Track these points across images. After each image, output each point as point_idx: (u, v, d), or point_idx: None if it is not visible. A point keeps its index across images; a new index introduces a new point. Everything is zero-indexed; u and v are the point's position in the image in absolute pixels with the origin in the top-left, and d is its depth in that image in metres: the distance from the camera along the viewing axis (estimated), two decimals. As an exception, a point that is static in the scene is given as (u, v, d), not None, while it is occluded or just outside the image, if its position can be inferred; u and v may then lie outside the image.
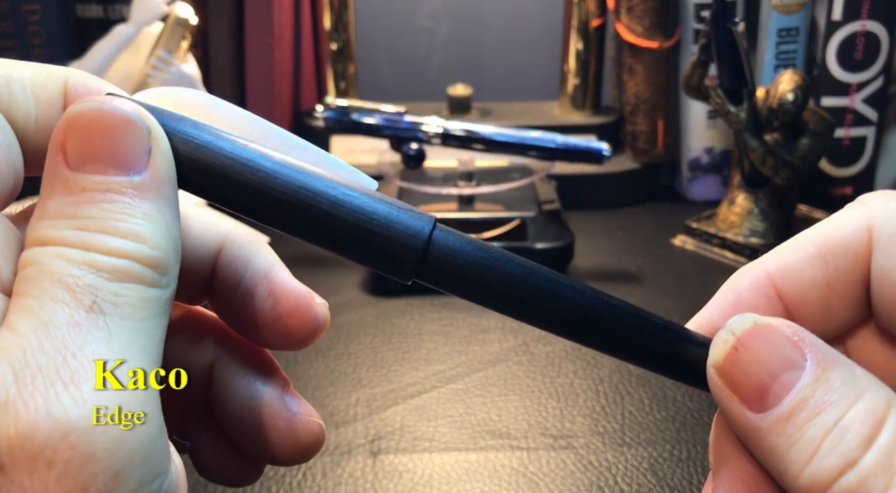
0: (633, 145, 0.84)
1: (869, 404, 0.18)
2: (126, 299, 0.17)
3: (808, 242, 0.21)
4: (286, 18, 0.82)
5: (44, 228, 0.17)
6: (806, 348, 0.19)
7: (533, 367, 0.55)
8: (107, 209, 0.18)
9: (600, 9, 0.83)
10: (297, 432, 0.23)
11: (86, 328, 0.16)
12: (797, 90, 0.65)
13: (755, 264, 0.22)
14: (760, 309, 0.21)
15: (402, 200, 0.70)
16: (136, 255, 0.17)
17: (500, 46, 1.00)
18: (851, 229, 0.20)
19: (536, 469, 0.45)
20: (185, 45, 0.65)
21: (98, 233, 0.17)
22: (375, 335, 0.59)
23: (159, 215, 0.18)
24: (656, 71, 0.81)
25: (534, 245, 0.64)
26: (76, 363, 0.16)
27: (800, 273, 0.21)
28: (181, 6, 0.65)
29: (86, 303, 0.16)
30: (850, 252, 0.20)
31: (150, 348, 0.17)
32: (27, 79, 0.20)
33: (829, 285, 0.21)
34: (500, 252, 0.21)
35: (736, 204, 0.72)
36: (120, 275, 0.17)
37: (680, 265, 0.70)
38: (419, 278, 0.21)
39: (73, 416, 0.15)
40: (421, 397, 0.52)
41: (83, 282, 0.17)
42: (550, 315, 0.21)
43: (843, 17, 0.76)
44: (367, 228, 0.20)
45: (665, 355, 0.21)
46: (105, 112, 0.18)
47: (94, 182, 0.18)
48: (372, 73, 1.00)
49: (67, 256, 0.17)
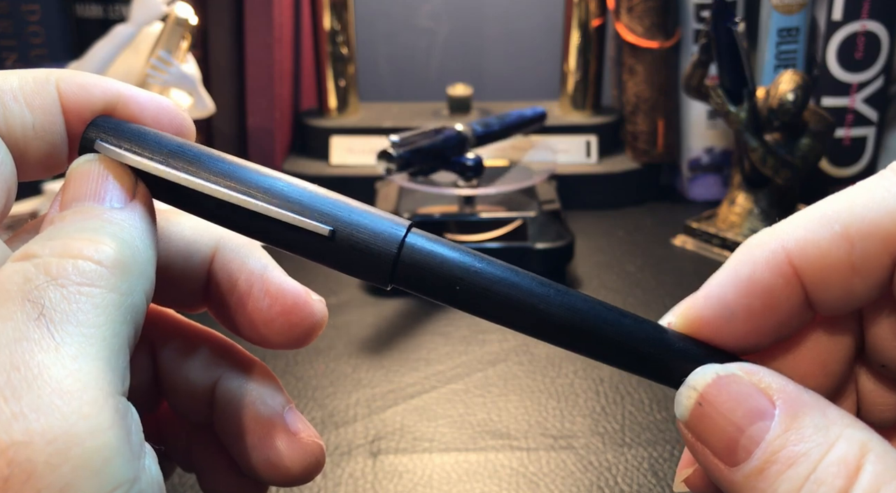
0: (633, 145, 0.84)
1: (841, 454, 0.17)
2: (79, 306, 0.16)
3: (834, 218, 0.19)
4: (286, 18, 0.82)
5: (21, 248, 0.18)
6: (774, 395, 0.18)
7: (533, 367, 0.55)
8: (79, 223, 0.18)
9: (600, 9, 0.83)
10: (298, 452, 0.23)
11: (33, 341, 0.16)
12: (797, 90, 0.65)
13: (772, 237, 0.20)
14: (776, 291, 0.19)
15: (403, 200, 0.70)
16: (92, 255, 0.17)
17: (500, 46, 1.00)
18: (884, 210, 0.18)
19: (536, 469, 0.45)
20: (184, 45, 0.65)
21: (64, 239, 0.18)
22: (375, 335, 0.59)
23: (127, 224, 0.19)
24: (656, 71, 0.81)
25: (534, 245, 0.64)
26: (18, 376, 0.15)
27: (823, 254, 0.19)
28: (181, 6, 0.65)
29: (33, 315, 0.16)
30: (879, 236, 0.18)
31: (106, 355, 0.16)
32: (16, 88, 0.20)
33: (854, 269, 0.19)
34: (479, 256, 0.21)
35: (736, 204, 0.72)
36: (75, 278, 0.17)
37: (680, 265, 0.70)
38: (396, 284, 0.21)
39: (12, 430, 0.15)
40: (421, 398, 0.52)
41: (33, 294, 0.16)
42: (532, 319, 0.20)
43: (843, 17, 0.76)
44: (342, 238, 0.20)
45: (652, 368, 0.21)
46: (90, 167, 0.20)
47: (76, 210, 0.19)
48: (372, 73, 1.00)
49: (24, 269, 0.17)
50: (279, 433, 0.23)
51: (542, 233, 0.65)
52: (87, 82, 0.21)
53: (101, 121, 0.21)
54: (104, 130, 0.20)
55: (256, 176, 0.20)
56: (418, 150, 0.64)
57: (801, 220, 0.19)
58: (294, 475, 0.23)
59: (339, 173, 0.81)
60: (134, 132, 0.20)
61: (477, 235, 0.65)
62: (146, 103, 0.21)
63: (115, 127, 0.20)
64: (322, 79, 0.86)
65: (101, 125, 0.20)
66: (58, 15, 0.79)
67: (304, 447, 0.23)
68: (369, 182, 0.76)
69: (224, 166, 0.20)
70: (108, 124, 0.20)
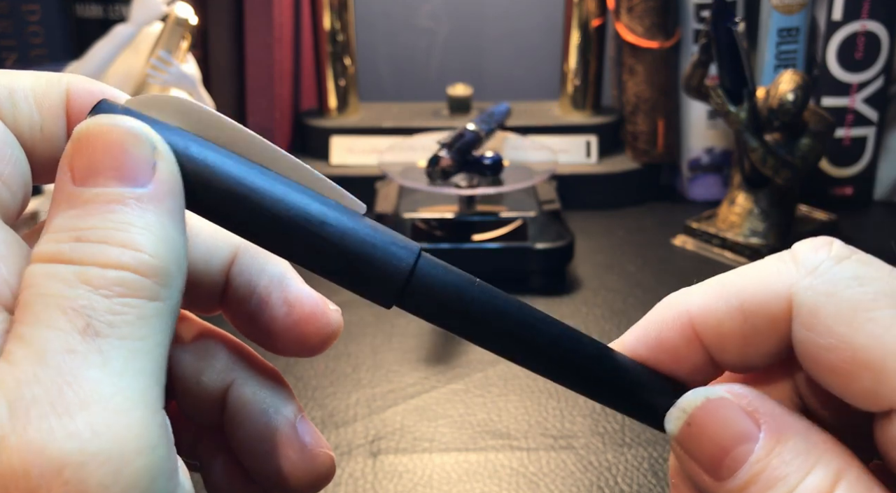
0: (633, 145, 0.84)
1: (816, 481, 0.18)
2: (123, 318, 0.16)
3: (734, 292, 0.20)
4: (286, 18, 0.82)
5: (44, 243, 0.17)
6: (760, 419, 0.19)
7: (533, 367, 0.55)
8: (108, 219, 0.17)
9: (600, 9, 0.83)
10: (308, 463, 0.23)
11: (81, 354, 0.16)
12: (797, 90, 0.65)
13: (680, 302, 0.21)
14: (680, 350, 0.21)
15: (403, 199, 0.70)
16: (133, 264, 0.17)
17: (500, 46, 1.00)
18: (772, 294, 0.20)
19: (536, 469, 0.45)
20: (184, 45, 0.65)
21: (96, 243, 0.17)
22: (375, 335, 0.59)
23: (161, 226, 0.18)
24: (656, 71, 0.81)
25: (534, 245, 0.64)
26: (71, 393, 0.15)
27: (720, 323, 0.21)
28: (181, 6, 0.65)
29: (80, 326, 0.16)
30: (767, 316, 0.20)
31: (151, 368, 0.17)
32: (29, 89, 0.20)
33: (747, 339, 0.20)
34: (487, 287, 0.21)
35: (736, 204, 0.72)
36: (117, 289, 0.16)
37: (680, 265, 0.70)
38: (400, 307, 0.21)
39: (67, 450, 0.15)
40: (421, 398, 0.52)
41: (77, 303, 0.16)
42: (529, 354, 0.21)
43: (843, 17, 0.76)
44: (352, 256, 0.20)
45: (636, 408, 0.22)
46: (110, 128, 0.18)
47: (98, 194, 0.17)
48: (372, 73, 1.00)
49: (62, 275, 0.16)
50: (290, 443, 0.23)
51: (542, 233, 0.65)
52: (94, 90, 0.21)
53: (105, 106, 0.20)
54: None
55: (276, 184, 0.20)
56: (457, 152, 0.65)
57: (708, 288, 0.21)
58: (303, 487, 0.23)
59: (339, 173, 0.81)
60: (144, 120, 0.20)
61: (477, 234, 0.65)
62: None
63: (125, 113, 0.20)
64: (322, 79, 0.86)
65: (106, 111, 0.20)
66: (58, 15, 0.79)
67: (315, 458, 0.23)
68: (369, 182, 0.76)
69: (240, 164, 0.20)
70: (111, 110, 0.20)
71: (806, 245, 0.20)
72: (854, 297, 0.19)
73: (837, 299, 0.19)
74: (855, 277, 0.19)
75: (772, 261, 0.21)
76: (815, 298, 0.19)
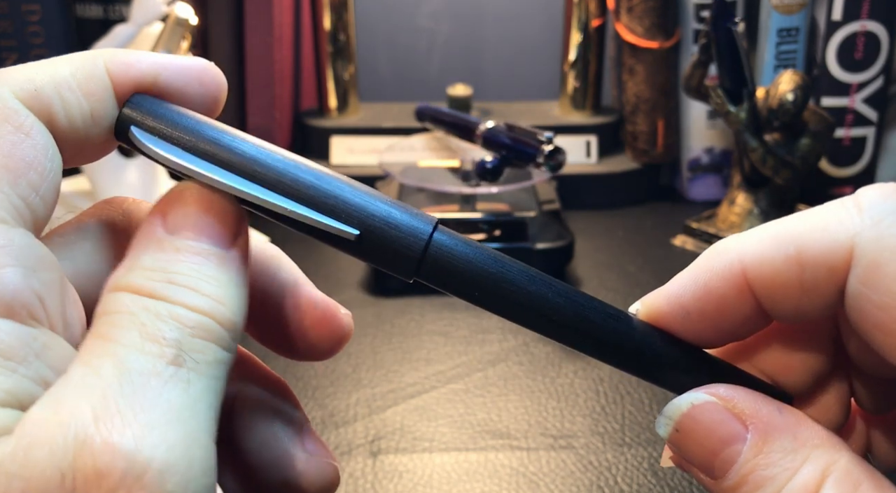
0: (633, 145, 0.84)
1: (804, 479, 0.19)
2: (203, 357, 0.18)
3: (790, 240, 0.20)
4: (286, 18, 0.82)
5: (136, 277, 0.18)
6: (747, 420, 0.20)
7: (533, 367, 0.55)
8: (195, 269, 0.19)
9: (600, 9, 0.83)
10: (312, 473, 0.24)
11: (166, 379, 0.17)
12: (797, 90, 0.65)
13: (731, 249, 0.21)
14: (729, 299, 0.21)
15: (404, 198, 0.70)
16: (216, 315, 0.18)
17: (500, 46, 1.00)
18: (833, 243, 0.19)
19: (536, 469, 0.45)
20: (185, 45, 0.65)
21: (185, 288, 0.18)
22: (375, 335, 0.59)
23: (236, 287, 0.19)
24: (656, 71, 0.81)
25: (534, 245, 0.64)
26: (153, 410, 0.16)
27: (775, 273, 0.20)
28: (181, 6, 0.65)
29: (169, 355, 0.17)
30: (827, 265, 0.19)
31: (215, 404, 0.18)
32: (71, 78, 0.20)
33: (803, 290, 0.20)
34: (500, 256, 0.21)
35: (736, 204, 0.72)
36: (200, 332, 0.18)
37: (680, 265, 0.70)
38: (419, 277, 0.21)
39: (148, 457, 0.16)
40: (421, 397, 0.52)
41: (169, 336, 0.17)
42: (545, 319, 0.21)
43: (843, 17, 0.76)
44: (370, 228, 0.20)
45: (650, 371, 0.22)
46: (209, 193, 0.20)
47: (189, 245, 0.19)
48: (372, 73, 1.00)
49: (155, 309, 0.18)
50: (296, 453, 0.24)
51: (542, 233, 0.65)
52: (130, 60, 0.21)
53: (137, 100, 0.20)
54: (139, 112, 0.20)
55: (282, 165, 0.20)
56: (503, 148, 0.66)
57: (762, 235, 0.20)
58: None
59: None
60: (168, 117, 0.20)
61: (477, 234, 0.65)
62: (184, 68, 0.21)
63: (150, 110, 0.20)
64: (322, 79, 0.86)
65: (138, 106, 0.20)
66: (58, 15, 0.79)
67: (321, 468, 0.24)
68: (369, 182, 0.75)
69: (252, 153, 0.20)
70: (144, 105, 0.20)
71: (873, 191, 0.19)
72: None
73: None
74: None
75: (833, 206, 0.20)
76: (879, 252, 0.18)
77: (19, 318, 0.17)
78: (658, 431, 0.21)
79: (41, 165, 0.19)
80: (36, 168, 0.18)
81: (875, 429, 0.24)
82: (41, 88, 0.19)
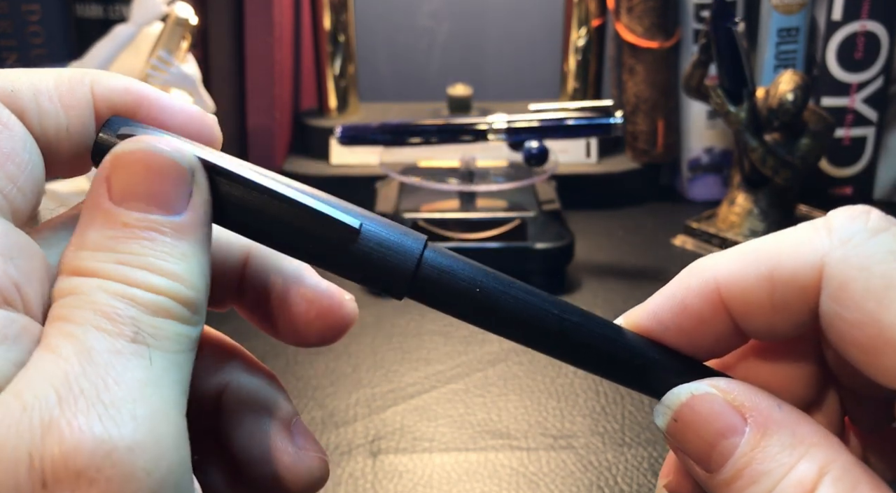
0: (633, 145, 0.84)
1: (800, 476, 0.18)
2: (164, 333, 0.17)
3: (763, 260, 0.20)
4: (286, 18, 0.82)
5: (85, 259, 0.18)
6: (747, 413, 0.20)
7: (533, 367, 0.55)
8: (147, 247, 0.18)
9: (600, 9, 0.83)
10: (301, 468, 0.23)
11: (127, 356, 0.17)
12: (797, 90, 0.65)
13: (707, 268, 0.21)
14: (704, 317, 0.21)
15: (403, 198, 0.70)
16: (173, 293, 0.18)
17: (500, 46, 1.00)
18: (803, 263, 0.19)
19: (536, 469, 0.45)
20: (184, 45, 0.65)
21: (138, 269, 0.18)
22: (375, 335, 0.59)
23: (195, 257, 0.19)
24: (656, 71, 0.81)
25: (534, 245, 0.64)
26: (116, 388, 0.16)
27: (748, 292, 0.20)
28: (181, 6, 0.65)
29: (128, 334, 0.17)
30: (797, 285, 0.19)
31: (182, 380, 0.18)
32: (53, 89, 0.20)
33: (776, 308, 0.20)
34: (492, 273, 0.21)
35: (736, 204, 0.72)
36: (158, 310, 0.18)
37: (680, 265, 0.70)
38: (411, 297, 0.21)
39: (115, 436, 0.16)
40: (421, 397, 0.52)
41: (125, 314, 0.17)
42: (539, 336, 0.22)
43: (843, 17, 0.76)
44: (360, 249, 0.20)
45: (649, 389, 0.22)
46: (153, 153, 0.19)
47: (136, 219, 0.18)
48: (372, 73, 1.00)
49: (109, 288, 0.17)
50: (284, 446, 0.23)
51: (542, 233, 0.65)
52: (117, 85, 0.21)
53: (117, 121, 0.20)
54: (120, 131, 0.20)
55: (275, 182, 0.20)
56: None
57: (736, 255, 0.21)
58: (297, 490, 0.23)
59: (339, 173, 0.81)
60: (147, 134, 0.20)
61: (477, 233, 0.65)
62: (175, 110, 0.21)
63: (132, 129, 0.20)
64: (322, 79, 0.86)
65: (117, 126, 0.20)
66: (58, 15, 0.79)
67: (309, 462, 0.24)
68: (369, 182, 0.76)
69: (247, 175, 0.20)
70: (124, 125, 0.20)
71: (842, 213, 0.20)
72: (887, 273, 0.18)
73: (869, 274, 0.18)
74: (891, 251, 0.18)
75: (804, 228, 0.20)
76: (846, 271, 0.18)
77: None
78: (655, 420, 0.21)
79: (18, 156, 0.19)
80: (13, 159, 0.18)
81: (870, 447, 0.24)
82: (18, 90, 0.19)
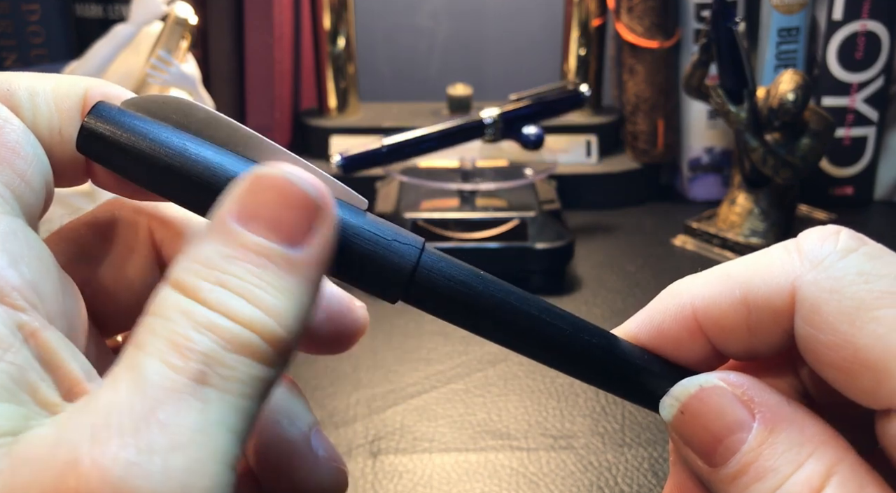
0: (633, 145, 0.84)
1: (808, 474, 0.18)
2: (235, 374, 0.16)
3: (735, 284, 0.20)
4: (286, 18, 0.82)
5: (190, 272, 0.17)
6: (755, 408, 0.19)
7: (533, 367, 0.55)
8: (253, 273, 0.17)
9: (600, 8, 0.83)
10: (321, 477, 0.23)
11: (183, 395, 0.16)
12: (798, 90, 0.65)
13: (683, 292, 0.21)
14: (682, 340, 0.21)
15: (403, 199, 0.70)
16: (260, 327, 0.17)
17: (500, 46, 1.00)
18: (776, 287, 0.19)
19: (536, 469, 0.45)
20: (184, 44, 0.65)
21: (235, 294, 0.17)
22: (375, 335, 0.59)
23: (299, 295, 0.18)
24: (656, 71, 0.81)
25: (534, 245, 0.64)
26: (157, 432, 0.15)
27: (723, 315, 0.20)
28: (181, 6, 0.65)
29: (193, 370, 0.16)
30: (771, 309, 0.20)
31: (241, 428, 0.16)
32: (49, 91, 0.20)
33: (751, 331, 0.20)
34: (490, 278, 0.21)
35: (736, 204, 0.72)
36: (237, 346, 0.17)
37: (680, 265, 0.70)
38: (406, 301, 0.21)
39: (138, 485, 0.15)
40: (421, 398, 0.52)
41: (197, 348, 0.16)
42: (536, 345, 0.21)
43: (843, 16, 0.76)
44: (356, 251, 0.20)
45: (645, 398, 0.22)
46: (288, 181, 0.18)
47: (254, 242, 0.17)
48: (372, 74, 1.00)
49: (194, 315, 0.17)
50: (303, 456, 0.23)
51: (542, 233, 0.65)
52: (111, 93, 0.21)
53: (103, 107, 0.20)
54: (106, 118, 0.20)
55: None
56: None
57: (712, 278, 0.21)
58: None
59: (340, 173, 0.81)
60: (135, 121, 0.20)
61: (477, 233, 0.65)
62: None
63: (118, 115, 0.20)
64: (322, 79, 0.86)
65: (103, 112, 0.20)
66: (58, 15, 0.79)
67: (329, 472, 0.23)
68: (369, 182, 0.76)
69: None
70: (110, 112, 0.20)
71: (812, 235, 0.20)
72: (858, 294, 0.18)
73: (840, 297, 0.18)
74: (860, 273, 0.18)
75: (776, 251, 0.20)
76: (818, 294, 0.19)
77: (4, 303, 0.17)
78: (661, 413, 0.21)
79: (23, 150, 0.19)
80: (19, 153, 0.18)
81: None
82: (15, 90, 0.19)
